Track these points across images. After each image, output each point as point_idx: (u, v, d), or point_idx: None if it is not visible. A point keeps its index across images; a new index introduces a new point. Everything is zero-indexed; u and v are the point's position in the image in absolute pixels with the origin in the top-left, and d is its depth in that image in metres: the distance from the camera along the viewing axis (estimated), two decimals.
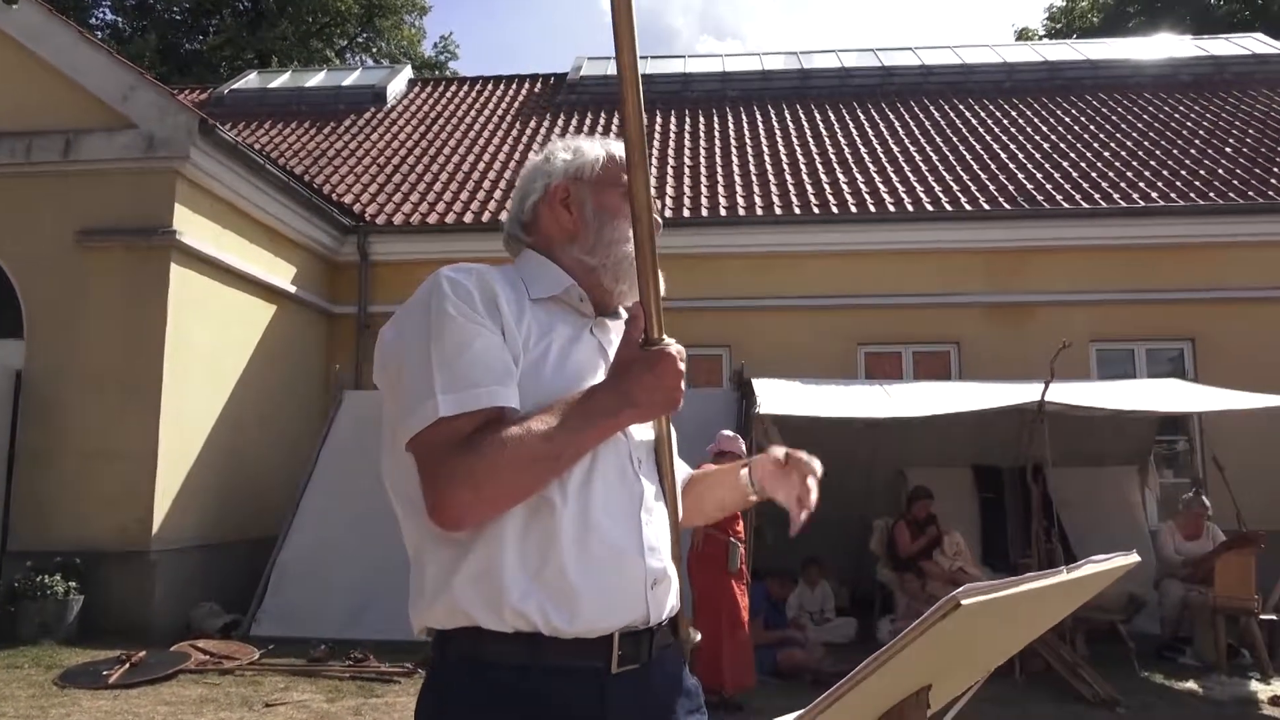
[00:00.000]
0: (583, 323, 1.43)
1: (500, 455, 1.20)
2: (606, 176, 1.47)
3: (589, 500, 1.28)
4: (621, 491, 1.33)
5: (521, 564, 1.24)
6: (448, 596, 1.26)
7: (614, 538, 1.29)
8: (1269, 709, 5.52)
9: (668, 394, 1.29)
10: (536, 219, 1.49)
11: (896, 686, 1.03)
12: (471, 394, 1.22)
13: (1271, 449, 8.30)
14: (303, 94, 15.21)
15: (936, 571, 7.23)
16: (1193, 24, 23.39)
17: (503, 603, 1.23)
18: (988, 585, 0.90)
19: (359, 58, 28.62)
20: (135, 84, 8.05)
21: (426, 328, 1.27)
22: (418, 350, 1.26)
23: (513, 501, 1.23)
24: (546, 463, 1.23)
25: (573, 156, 1.50)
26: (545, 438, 1.22)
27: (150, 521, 7.43)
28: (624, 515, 1.32)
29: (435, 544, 1.28)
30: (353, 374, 9.87)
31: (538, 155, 1.55)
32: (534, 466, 1.22)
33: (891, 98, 14.17)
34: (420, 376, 1.24)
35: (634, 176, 1.20)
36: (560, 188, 1.47)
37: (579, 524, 1.27)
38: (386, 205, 11.01)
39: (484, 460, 1.19)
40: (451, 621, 1.28)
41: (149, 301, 7.69)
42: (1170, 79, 14.28)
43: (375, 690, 5.71)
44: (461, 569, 1.26)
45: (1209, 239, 10.00)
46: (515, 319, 1.32)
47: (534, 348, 1.32)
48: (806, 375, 8.13)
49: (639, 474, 1.37)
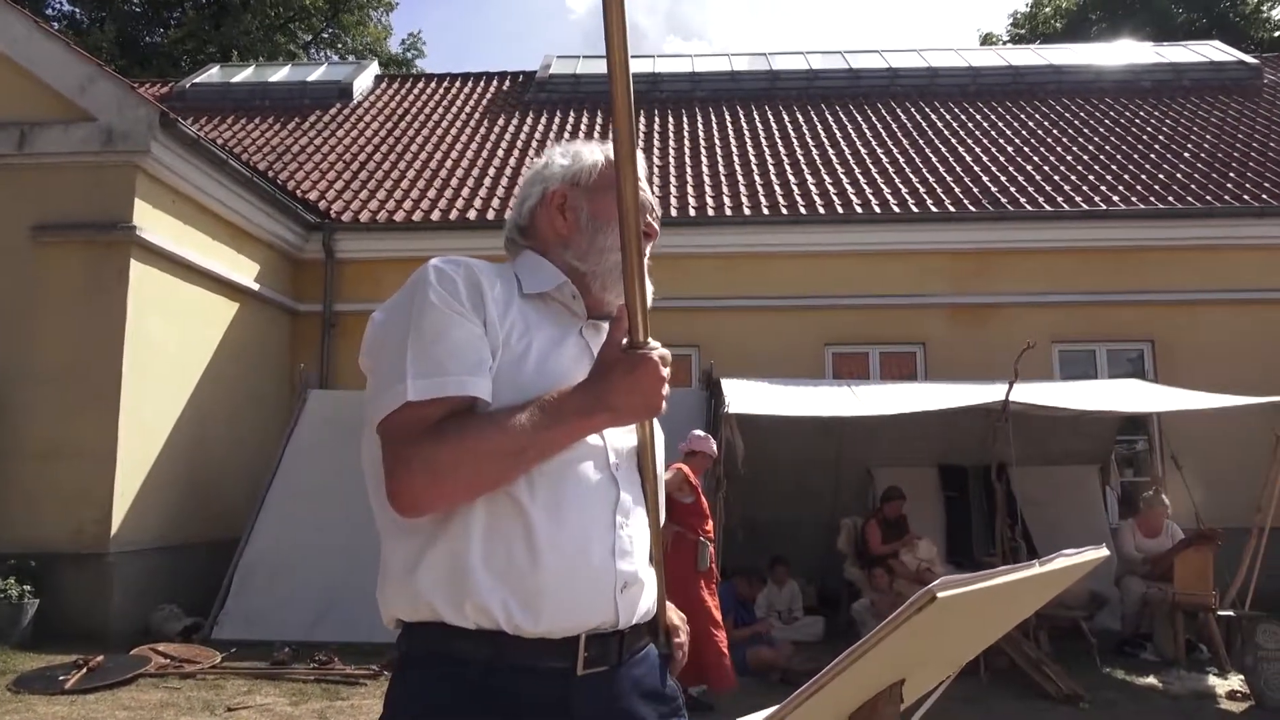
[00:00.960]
0: (573, 323, 1.42)
1: (462, 445, 1.19)
2: (603, 182, 1.46)
3: (559, 500, 1.27)
4: (595, 493, 1.31)
5: (486, 560, 1.23)
6: (411, 587, 1.26)
7: (583, 539, 1.28)
8: (1226, 703, 5.62)
9: (646, 399, 1.27)
10: (534, 223, 1.50)
11: (871, 681, 1.02)
12: (441, 381, 1.22)
13: (1228, 448, 8.47)
14: (267, 89, 14.99)
15: (904, 570, 7.29)
16: (1153, 31, 23.83)
17: (465, 598, 1.23)
18: (963, 578, 0.90)
19: (324, 53, 28.32)
20: (93, 76, 7.88)
21: (408, 315, 1.27)
22: (397, 336, 1.27)
23: (472, 493, 1.22)
24: (510, 458, 1.22)
25: (571, 162, 1.51)
26: (511, 432, 1.21)
27: (108, 522, 7.28)
28: (596, 517, 1.30)
29: (402, 532, 1.27)
30: (318, 373, 9.75)
31: (539, 160, 1.56)
32: (497, 460, 1.21)
33: (859, 100, 14.28)
34: (395, 361, 1.25)
35: (622, 174, 1.19)
36: (558, 193, 1.48)
37: (547, 523, 1.25)
38: (353, 202, 10.88)
39: (445, 449, 1.19)
40: (415, 613, 1.27)
41: (108, 298, 7.54)
42: (1131, 85, 14.54)
43: (340, 693, 5.64)
44: (426, 560, 1.25)
45: (1168, 242, 10.19)
46: (500, 313, 1.31)
47: (516, 343, 1.32)
48: (774, 375, 8.17)
49: (616, 477, 1.35)
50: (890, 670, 1.05)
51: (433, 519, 1.24)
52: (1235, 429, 8.35)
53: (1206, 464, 8.09)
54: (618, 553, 1.31)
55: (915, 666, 1.11)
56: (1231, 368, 9.19)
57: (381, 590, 1.32)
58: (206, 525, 8.38)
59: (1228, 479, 8.07)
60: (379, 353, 1.29)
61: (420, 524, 1.25)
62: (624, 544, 1.33)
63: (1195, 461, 7.70)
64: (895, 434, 7.80)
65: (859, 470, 8.68)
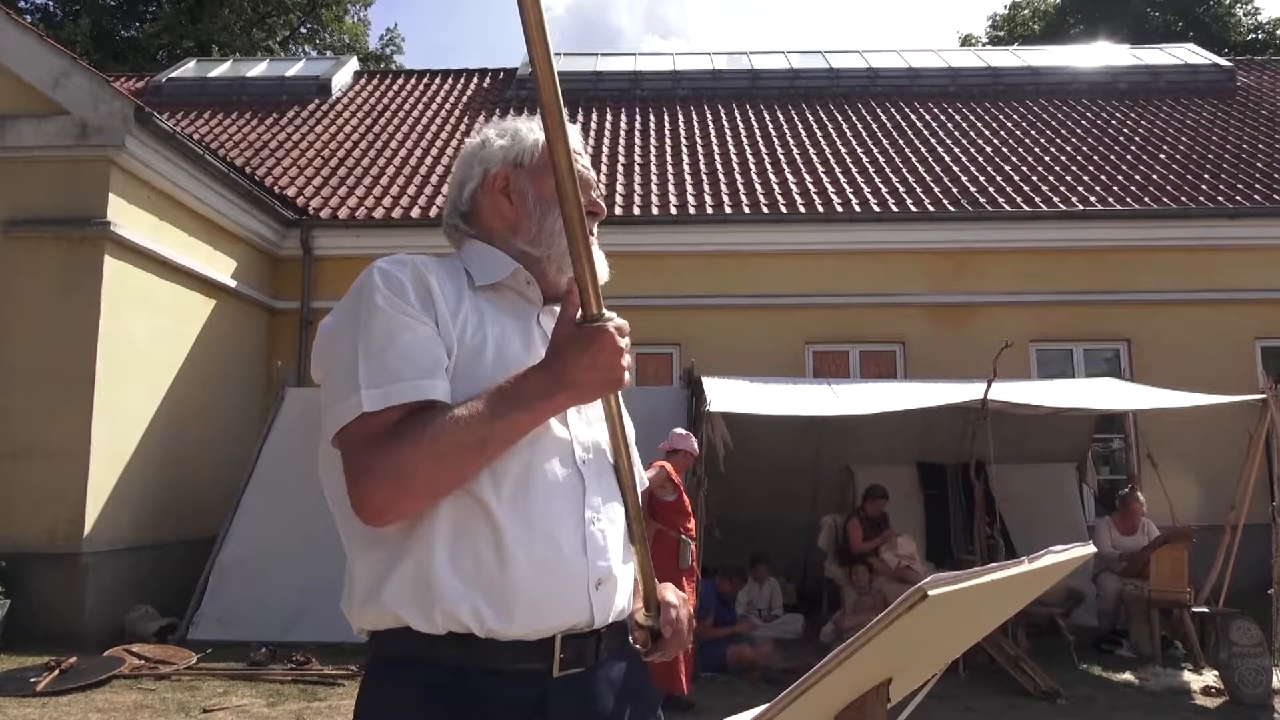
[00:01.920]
0: (529, 311, 1.39)
1: (422, 445, 1.16)
2: (547, 160, 1.41)
3: (525, 499, 1.24)
4: (562, 490, 1.28)
5: (453, 565, 1.20)
6: (378, 599, 1.22)
7: (552, 537, 1.25)
8: (1201, 699, 5.68)
9: (606, 373, 1.22)
10: (476, 208, 1.44)
11: (860, 680, 1.01)
12: (396, 388, 1.19)
13: (1203, 446, 8.58)
14: (245, 84, 14.86)
15: (884, 568, 7.32)
16: (1130, 34, 24.08)
17: (434, 605, 1.20)
18: (954, 575, 0.89)
19: (301, 49, 28.07)
20: (67, 69, 7.76)
21: (356, 321, 1.23)
22: (346, 344, 1.23)
23: (439, 493, 1.19)
24: (472, 450, 1.18)
25: (510, 141, 1.44)
26: (472, 424, 1.17)
27: (82, 522, 7.18)
28: (565, 513, 1.28)
29: (365, 544, 1.24)
30: (295, 371, 9.66)
31: (474, 138, 1.49)
32: (460, 455, 1.17)
33: (840, 100, 14.33)
34: (346, 371, 1.21)
35: (553, 142, 1.14)
36: (499, 175, 1.42)
37: (515, 523, 1.22)
38: (331, 199, 10.80)
39: (405, 450, 1.16)
40: (383, 623, 1.24)
41: (81, 294, 7.43)
42: (1108, 86, 14.68)
43: (318, 694, 5.59)
44: (392, 570, 1.22)
45: (1144, 243, 10.30)
46: (452, 310, 1.28)
47: (471, 339, 1.28)
48: (755, 374, 8.18)
49: (583, 472, 1.32)
50: (879, 669, 1.04)
51: (397, 528, 1.21)
52: (1209, 427, 8.46)
53: (1181, 462, 8.19)
54: (590, 549, 1.28)
55: (903, 665, 1.11)
56: (1205, 367, 9.30)
57: (348, 604, 1.28)
58: (182, 525, 8.28)
59: (1202, 476, 8.18)
60: (330, 362, 1.25)
61: (385, 534, 1.22)
62: (595, 539, 1.30)
63: (1170, 459, 7.80)
64: (875, 432, 7.84)
65: (839, 468, 8.71)
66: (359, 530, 1.23)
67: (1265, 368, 9.69)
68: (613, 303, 1.26)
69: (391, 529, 1.22)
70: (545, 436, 1.28)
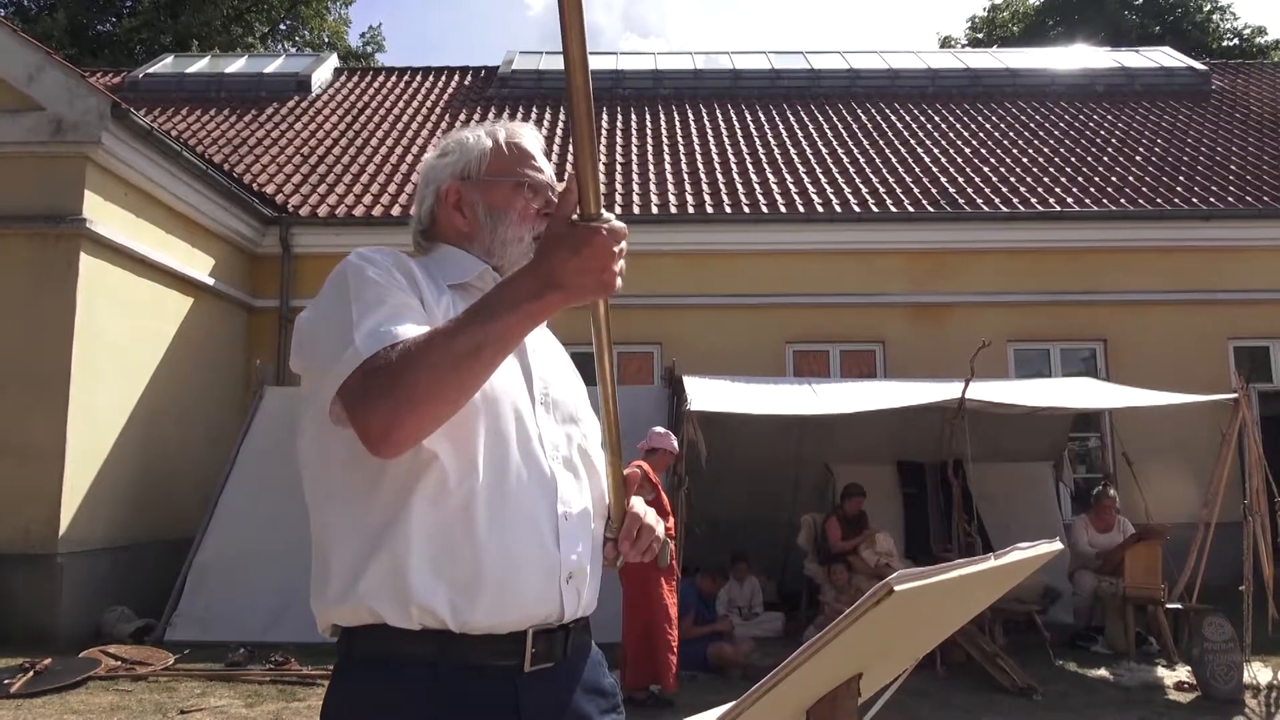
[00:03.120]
0: None
1: (415, 358, 1.14)
2: (494, 169, 1.42)
3: (500, 494, 1.25)
4: (534, 484, 1.30)
5: (427, 558, 1.21)
6: (353, 593, 1.22)
7: (527, 530, 1.26)
8: (1174, 694, 5.76)
9: (598, 276, 1.16)
10: (435, 224, 1.46)
11: (829, 674, 1.03)
12: (390, 330, 1.18)
13: (1177, 445, 8.69)
14: (223, 80, 14.73)
15: (863, 566, 7.36)
16: (1107, 37, 24.31)
17: (409, 598, 1.20)
18: (920, 571, 0.91)
19: (281, 45, 27.86)
20: (42, 64, 7.68)
21: (345, 293, 1.24)
22: (337, 312, 1.22)
23: (442, 406, 1.16)
24: (469, 356, 1.15)
25: (458, 155, 1.45)
26: (464, 330, 1.15)
27: (57, 523, 7.10)
28: (537, 507, 1.29)
29: (340, 539, 1.25)
30: (274, 369, 9.60)
31: (430, 153, 1.51)
32: (457, 363, 1.14)
33: (820, 100, 14.39)
34: (340, 330, 1.20)
35: (567, 33, 1.07)
36: (450, 190, 1.43)
37: (487, 516, 1.24)
38: (310, 196, 10.74)
39: (400, 366, 1.14)
40: (357, 619, 1.24)
41: (56, 292, 7.35)
42: (1085, 88, 14.82)
43: (297, 694, 5.56)
44: (366, 565, 1.22)
45: (1119, 244, 10.42)
46: (434, 298, 1.30)
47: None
48: (736, 373, 8.21)
49: (553, 467, 1.33)
50: (849, 664, 1.05)
51: (373, 523, 1.22)
52: (1183, 426, 8.57)
53: (1156, 460, 8.28)
54: (562, 541, 1.30)
55: (873, 660, 1.12)
56: (1180, 366, 9.41)
57: (317, 600, 1.27)
58: (159, 525, 8.21)
59: (1176, 474, 8.27)
60: (315, 340, 1.25)
61: (358, 527, 1.22)
62: (567, 532, 1.31)
63: (1145, 458, 7.88)
64: (855, 431, 7.88)
65: (819, 467, 8.74)
66: (334, 524, 1.24)
67: (1237, 367, 9.82)
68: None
69: (368, 524, 1.22)
70: (517, 432, 1.30)
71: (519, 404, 1.32)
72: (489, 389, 1.26)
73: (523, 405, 1.33)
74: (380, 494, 1.23)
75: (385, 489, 1.23)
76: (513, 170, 1.41)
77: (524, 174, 1.42)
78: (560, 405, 1.39)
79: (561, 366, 1.47)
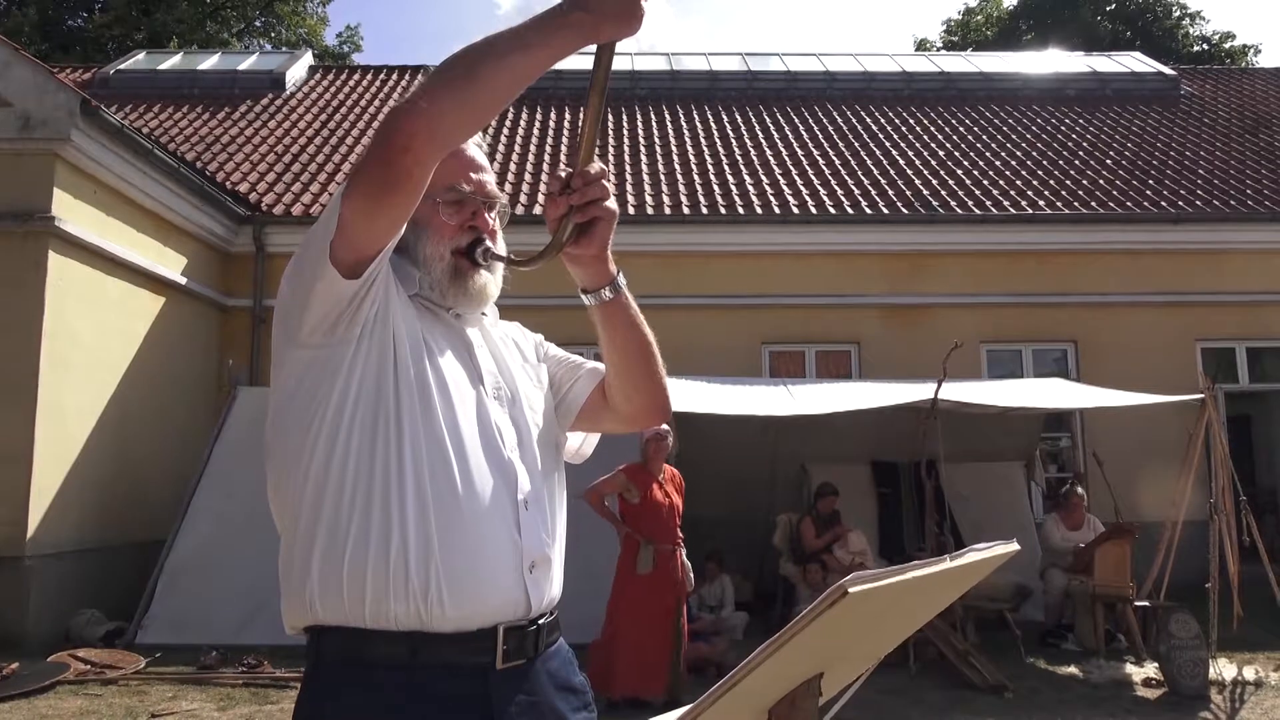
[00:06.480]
0: (443, 317, 1.42)
1: (438, 75, 1.16)
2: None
3: (455, 488, 1.26)
4: (493, 477, 1.31)
5: (388, 559, 1.21)
6: (318, 594, 1.23)
7: (486, 519, 1.27)
8: (1142, 690, 5.84)
9: (626, 4, 1.16)
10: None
11: (789, 674, 1.04)
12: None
13: (1146, 444, 8.81)
14: (196, 77, 14.58)
15: (838, 565, 7.41)
16: (1080, 41, 24.58)
17: (374, 599, 1.21)
18: (874, 573, 0.92)
19: (257, 43, 27.62)
20: (9, 60, 7.56)
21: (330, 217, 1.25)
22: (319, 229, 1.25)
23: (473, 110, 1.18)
24: (491, 60, 1.15)
25: None
26: (487, 42, 1.17)
27: (25, 525, 7.00)
28: (497, 499, 1.30)
29: (302, 539, 1.25)
30: (247, 369, 9.53)
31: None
32: (478, 66, 1.15)
33: (796, 102, 14.46)
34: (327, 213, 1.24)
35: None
36: None
37: (446, 511, 1.25)
38: (285, 195, 10.65)
39: (423, 88, 1.16)
40: (322, 619, 1.25)
41: (24, 291, 7.24)
42: (1057, 92, 14.98)
43: (270, 697, 5.52)
44: (329, 566, 1.23)
45: (1090, 246, 10.55)
46: (401, 299, 1.36)
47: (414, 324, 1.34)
48: (712, 373, 8.23)
49: (514, 458, 1.35)
50: (808, 664, 1.07)
51: (328, 523, 1.23)
52: (1152, 426, 8.69)
53: (1125, 459, 8.40)
54: (524, 531, 1.31)
55: (834, 660, 1.14)
56: (1148, 367, 9.54)
57: (284, 595, 1.28)
58: (130, 527, 8.12)
59: (1145, 474, 8.38)
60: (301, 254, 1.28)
61: (320, 526, 1.23)
62: (528, 520, 1.32)
63: (1115, 457, 7.99)
64: (830, 431, 7.91)
65: (794, 467, 8.79)
66: (294, 521, 1.25)
67: (1204, 368, 9.98)
68: (567, 302, 1.27)
69: (327, 519, 1.22)
70: (476, 423, 1.32)
71: (472, 397, 1.34)
72: (441, 383, 1.29)
73: (477, 398, 1.35)
74: (339, 488, 1.24)
75: (345, 482, 1.24)
76: (435, 186, 1.34)
77: (446, 190, 1.39)
78: (513, 397, 1.42)
79: (512, 361, 1.48)
